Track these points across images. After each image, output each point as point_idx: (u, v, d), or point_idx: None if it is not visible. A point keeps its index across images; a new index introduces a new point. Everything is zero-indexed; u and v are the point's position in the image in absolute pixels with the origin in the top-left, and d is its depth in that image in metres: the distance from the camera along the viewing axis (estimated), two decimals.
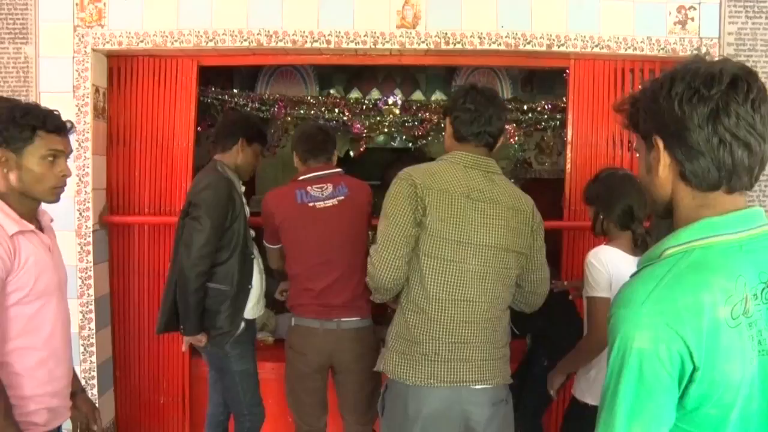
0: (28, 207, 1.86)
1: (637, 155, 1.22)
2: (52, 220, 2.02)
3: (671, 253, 1.06)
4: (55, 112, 1.88)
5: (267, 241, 2.86)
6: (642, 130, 1.13)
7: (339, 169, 2.85)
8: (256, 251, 2.96)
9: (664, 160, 1.09)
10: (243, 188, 2.95)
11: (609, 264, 2.23)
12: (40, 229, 1.91)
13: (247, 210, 2.91)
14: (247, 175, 2.96)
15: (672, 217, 1.14)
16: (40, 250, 1.84)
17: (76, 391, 2.07)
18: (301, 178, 2.77)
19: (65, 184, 1.90)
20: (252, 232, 2.98)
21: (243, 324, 2.81)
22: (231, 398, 2.90)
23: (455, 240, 1.98)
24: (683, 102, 1.05)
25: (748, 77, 1.04)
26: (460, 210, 1.99)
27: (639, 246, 2.28)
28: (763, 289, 1.03)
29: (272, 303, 3.41)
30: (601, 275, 2.21)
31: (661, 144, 1.09)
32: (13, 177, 1.80)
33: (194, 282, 2.64)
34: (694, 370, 0.99)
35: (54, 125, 1.84)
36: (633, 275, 1.10)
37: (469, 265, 1.99)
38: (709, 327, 0.98)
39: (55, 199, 1.90)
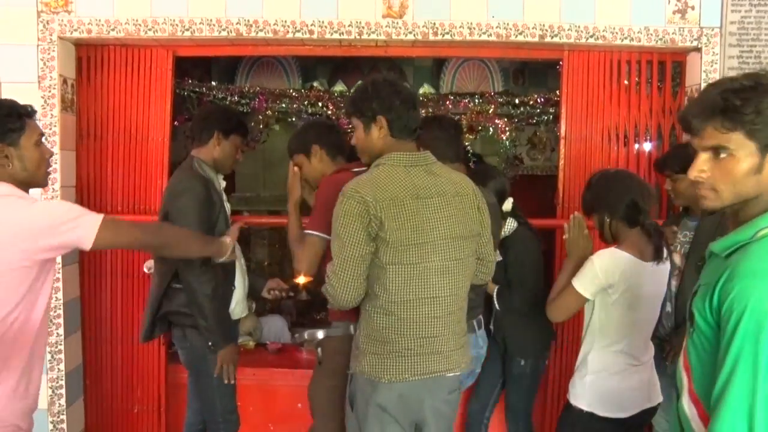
0: None
1: (721, 155, 1.30)
2: None
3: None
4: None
5: (320, 230, 2.36)
6: (766, 138, 1.26)
7: None
8: (238, 251, 2.85)
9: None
10: (224, 183, 2.85)
11: (613, 269, 2.15)
12: None
13: (228, 208, 2.82)
14: (226, 169, 2.84)
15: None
16: None
17: None
18: (355, 170, 2.45)
19: (51, 165, 2.00)
20: None
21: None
22: (205, 403, 2.78)
23: (414, 243, 1.99)
24: None
25: None
26: (412, 213, 2.00)
27: (653, 236, 2.19)
28: None
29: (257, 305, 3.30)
30: (596, 278, 2.17)
31: None
32: (18, 167, 1.84)
33: (207, 290, 2.58)
34: None
35: (32, 110, 1.90)
36: (731, 253, 1.29)
37: (432, 263, 2.02)
38: None
39: (47, 182, 2.00)
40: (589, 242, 2.32)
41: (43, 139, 1.94)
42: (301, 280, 4.13)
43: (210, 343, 2.62)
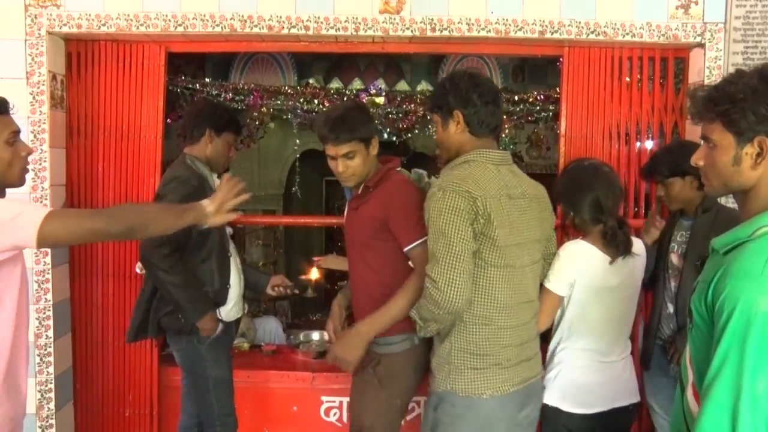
0: None
1: (709, 145, 1.35)
2: None
3: (764, 232, 1.26)
4: None
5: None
6: (743, 128, 1.28)
7: None
8: (233, 249, 2.85)
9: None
10: (217, 181, 2.81)
11: (578, 262, 2.17)
12: None
13: None
14: (220, 167, 2.81)
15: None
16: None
17: None
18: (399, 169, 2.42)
19: (29, 163, 1.89)
20: (230, 230, 2.86)
21: (221, 326, 2.68)
22: (202, 406, 2.74)
23: (514, 244, 1.94)
24: None
25: None
26: (509, 212, 1.94)
27: (609, 240, 2.19)
28: None
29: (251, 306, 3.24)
30: (564, 273, 2.18)
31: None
32: None
33: (163, 264, 2.51)
34: None
35: (5, 106, 1.78)
36: (729, 250, 1.28)
37: (525, 265, 2.00)
38: None
39: (24, 181, 1.87)
40: None
41: (21, 136, 1.82)
42: (314, 275, 4.07)
43: (182, 318, 2.59)
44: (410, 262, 2.18)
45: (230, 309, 2.76)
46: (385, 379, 2.26)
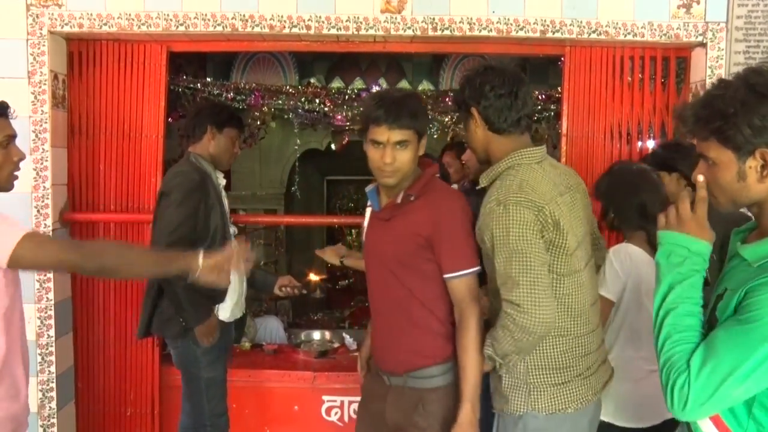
0: None
1: (708, 163, 1.30)
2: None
3: None
4: None
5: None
6: (740, 143, 1.24)
7: None
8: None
9: None
10: (224, 181, 2.83)
11: (630, 266, 2.10)
12: None
13: (227, 204, 2.79)
14: (225, 163, 2.82)
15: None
16: None
17: None
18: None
19: (20, 169, 1.84)
20: (234, 229, 2.86)
21: (217, 334, 2.67)
22: (193, 405, 2.74)
23: (575, 245, 1.81)
24: None
25: None
26: (566, 213, 1.80)
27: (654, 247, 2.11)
28: None
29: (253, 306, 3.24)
30: (616, 278, 2.10)
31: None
32: None
33: (183, 282, 2.43)
34: None
35: (2, 109, 1.77)
36: (762, 265, 1.24)
37: (585, 265, 1.87)
38: None
39: (12, 186, 1.84)
40: None
41: (22, 137, 1.83)
42: (315, 277, 4.07)
43: (182, 321, 2.58)
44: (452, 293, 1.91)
45: (229, 308, 2.75)
46: (435, 411, 1.92)
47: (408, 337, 1.93)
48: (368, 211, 2.06)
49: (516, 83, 1.83)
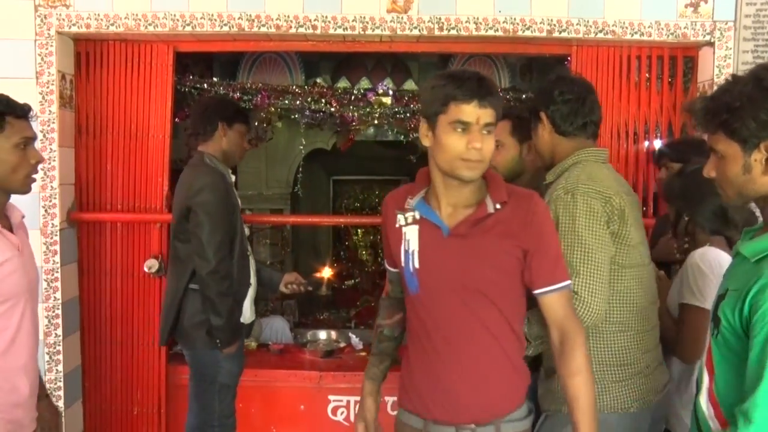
0: None
1: (717, 156, 1.34)
2: (23, 217, 1.90)
3: None
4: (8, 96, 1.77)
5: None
6: (746, 136, 1.27)
7: None
8: (249, 248, 2.88)
9: None
10: (233, 178, 2.85)
11: (720, 272, 1.94)
12: (9, 227, 1.80)
13: (239, 202, 2.82)
14: (236, 159, 2.86)
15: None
16: (6, 252, 1.72)
17: (40, 396, 1.98)
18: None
19: (37, 172, 1.85)
20: (246, 230, 2.89)
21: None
22: (203, 406, 2.74)
23: (639, 241, 1.86)
24: None
25: None
26: (628, 207, 1.84)
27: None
28: None
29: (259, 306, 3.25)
30: (710, 284, 1.93)
31: None
32: None
33: (220, 287, 2.55)
34: None
35: (22, 110, 1.76)
36: (761, 259, 1.25)
37: (647, 263, 1.93)
38: None
39: (29, 188, 1.83)
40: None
41: (37, 143, 1.83)
42: (327, 273, 4.06)
43: (218, 341, 2.59)
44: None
45: (246, 310, 2.77)
46: None
47: (499, 374, 1.61)
48: (400, 220, 1.65)
49: (584, 91, 1.94)
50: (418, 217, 1.63)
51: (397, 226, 1.65)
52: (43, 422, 1.98)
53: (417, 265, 1.60)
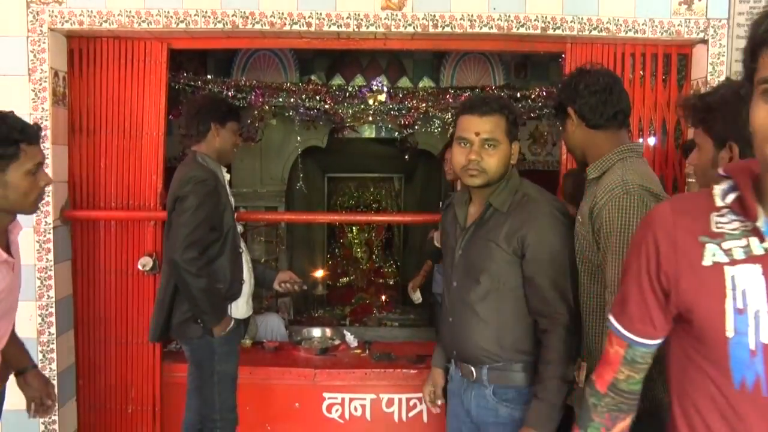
0: (1, 223, 1.79)
1: (697, 148, 1.54)
2: (20, 230, 1.91)
3: None
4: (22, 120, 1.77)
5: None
6: (718, 132, 1.43)
7: None
8: (244, 246, 2.89)
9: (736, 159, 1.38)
10: (228, 176, 2.86)
11: None
12: (7, 244, 1.80)
13: (233, 201, 2.83)
14: (229, 157, 2.87)
15: None
16: (5, 277, 1.75)
17: (27, 367, 2.07)
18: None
19: (45, 192, 1.85)
20: (241, 227, 2.90)
21: (233, 322, 2.72)
22: (204, 400, 2.75)
23: None
24: None
25: None
26: None
27: None
28: None
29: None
30: None
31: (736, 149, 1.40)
32: None
33: (192, 267, 2.53)
34: None
35: (35, 136, 1.77)
36: None
37: None
38: None
39: (36, 209, 1.85)
40: None
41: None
42: (320, 273, 4.05)
43: (200, 323, 2.62)
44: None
45: (243, 305, 2.78)
46: None
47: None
48: (715, 254, 1.01)
49: (610, 80, 1.88)
50: (762, 248, 0.98)
51: (708, 263, 1.01)
52: (33, 392, 2.04)
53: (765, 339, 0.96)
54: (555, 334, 1.85)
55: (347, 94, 4.02)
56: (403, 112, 4.07)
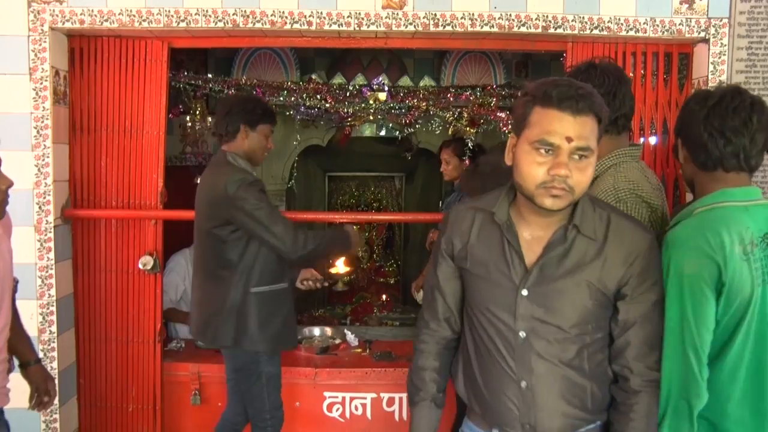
0: None
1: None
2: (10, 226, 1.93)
3: (700, 211, 1.62)
4: None
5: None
6: (677, 134, 1.74)
7: None
8: None
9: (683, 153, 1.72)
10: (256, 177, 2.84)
11: None
12: None
13: None
14: (259, 160, 2.85)
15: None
16: None
17: (29, 361, 2.12)
18: None
19: (8, 195, 1.81)
20: None
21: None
22: (254, 402, 2.75)
23: None
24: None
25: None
26: (666, 212, 1.92)
27: None
28: (763, 239, 1.55)
29: None
30: None
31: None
32: None
33: (302, 248, 2.58)
34: (722, 285, 1.51)
35: None
36: (670, 228, 1.64)
37: None
38: (729, 257, 1.50)
39: (3, 213, 1.82)
40: None
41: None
42: (340, 269, 4.05)
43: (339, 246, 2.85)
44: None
45: None
46: None
47: None
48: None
49: (615, 83, 1.82)
50: None
51: None
52: (35, 387, 2.07)
53: None
54: (649, 396, 1.54)
55: (348, 93, 4.02)
56: (404, 111, 4.06)
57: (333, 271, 4.09)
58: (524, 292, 1.52)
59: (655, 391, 1.54)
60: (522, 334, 1.53)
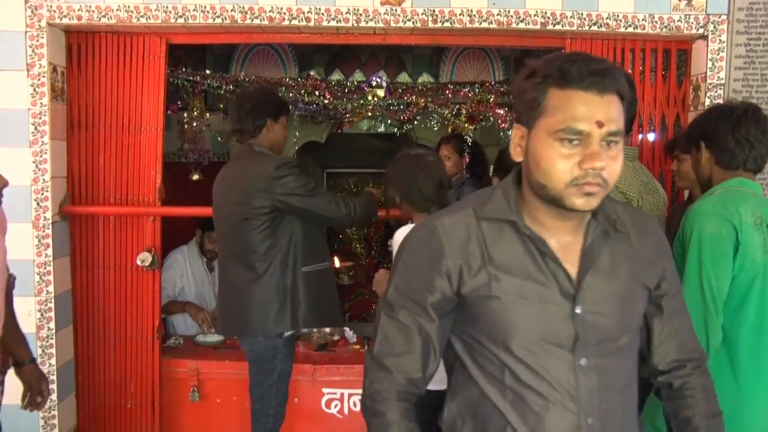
0: None
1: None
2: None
3: (720, 192, 1.95)
4: None
5: None
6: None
7: None
8: None
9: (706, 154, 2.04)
10: None
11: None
12: None
13: None
14: (282, 149, 2.91)
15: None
16: None
17: (24, 361, 2.13)
18: None
19: (2, 195, 1.84)
20: None
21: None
22: (261, 394, 2.76)
23: None
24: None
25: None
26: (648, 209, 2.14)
27: None
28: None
29: None
30: None
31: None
32: None
33: (352, 217, 2.80)
34: (738, 244, 1.84)
35: None
36: (697, 201, 2.00)
37: None
38: (744, 223, 1.84)
39: None
40: None
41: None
42: (336, 263, 4.05)
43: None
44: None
45: None
46: None
47: None
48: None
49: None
50: None
51: None
52: (29, 386, 2.07)
53: None
54: (707, 376, 1.41)
55: (346, 89, 4.01)
56: (402, 107, 4.06)
57: (342, 264, 4.12)
58: (578, 310, 1.22)
59: (707, 369, 1.41)
60: (583, 361, 1.22)
